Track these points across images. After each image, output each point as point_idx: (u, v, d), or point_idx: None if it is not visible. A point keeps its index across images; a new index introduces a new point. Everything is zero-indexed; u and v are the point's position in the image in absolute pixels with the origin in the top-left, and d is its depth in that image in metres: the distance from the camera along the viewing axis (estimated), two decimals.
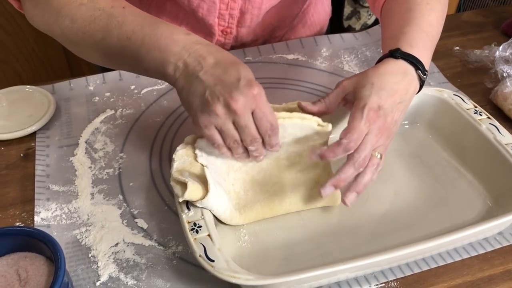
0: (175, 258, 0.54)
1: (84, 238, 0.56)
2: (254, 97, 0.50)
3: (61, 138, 0.69)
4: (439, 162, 0.64)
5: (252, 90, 0.50)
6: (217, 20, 0.79)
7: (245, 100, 0.49)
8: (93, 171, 0.64)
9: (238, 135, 0.52)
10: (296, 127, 0.54)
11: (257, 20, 0.81)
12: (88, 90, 0.77)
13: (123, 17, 0.56)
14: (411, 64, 0.57)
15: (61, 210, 0.59)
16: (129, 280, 0.52)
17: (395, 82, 0.55)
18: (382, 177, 0.62)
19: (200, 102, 0.51)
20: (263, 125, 0.51)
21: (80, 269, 0.53)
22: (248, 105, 0.50)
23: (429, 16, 0.62)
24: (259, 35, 0.86)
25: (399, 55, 0.57)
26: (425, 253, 0.54)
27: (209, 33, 0.81)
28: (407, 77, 0.56)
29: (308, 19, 0.92)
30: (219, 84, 0.50)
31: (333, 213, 0.59)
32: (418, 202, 0.60)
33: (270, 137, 0.53)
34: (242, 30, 0.83)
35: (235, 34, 0.83)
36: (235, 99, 0.49)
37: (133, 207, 0.60)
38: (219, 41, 0.84)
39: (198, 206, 0.52)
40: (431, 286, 0.52)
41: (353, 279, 0.52)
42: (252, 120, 0.51)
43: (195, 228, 0.50)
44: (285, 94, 0.77)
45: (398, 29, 0.61)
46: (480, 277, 0.53)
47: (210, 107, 0.50)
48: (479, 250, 0.55)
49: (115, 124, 0.71)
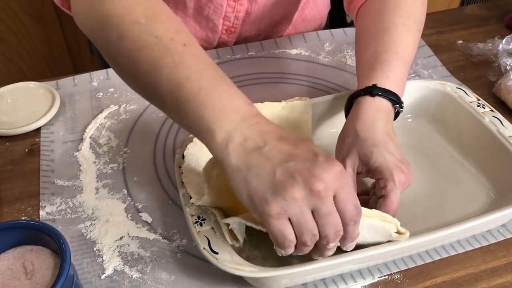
0: (179, 251, 0.55)
1: (89, 232, 0.57)
2: (338, 175, 0.41)
3: (65, 134, 0.69)
4: (442, 155, 0.64)
5: (335, 167, 0.41)
6: (222, 21, 0.80)
7: (329, 179, 0.40)
8: (98, 166, 0.64)
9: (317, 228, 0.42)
10: (372, 229, 0.47)
11: (261, 17, 0.81)
12: (92, 86, 0.77)
13: (181, 56, 0.46)
14: (389, 100, 0.55)
15: (66, 205, 0.60)
16: (134, 273, 0.53)
17: (382, 128, 0.53)
18: None
19: (269, 185, 0.40)
20: (348, 209, 0.42)
21: (85, 262, 0.54)
22: (332, 185, 0.40)
23: (406, 39, 0.59)
24: (261, 31, 0.86)
25: (376, 93, 0.54)
26: (428, 245, 0.54)
27: (212, 31, 0.82)
28: (388, 115, 0.55)
29: (308, 14, 0.92)
30: (294, 161, 0.41)
31: None
32: (422, 195, 0.60)
33: (355, 224, 0.43)
34: (246, 28, 0.83)
35: (239, 32, 0.83)
36: (318, 177, 0.39)
37: (138, 201, 0.60)
38: (222, 38, 0.84)
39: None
40: (434, 278, 0.52)
41: (357, 271, 0.52)
42: (335, 207, 0.41)
43: (199, 221, 0.50)
44: (288, 89, 0.77)
45: (375, 56, 0.58)
46: (484, 269, 0.53)
47: (285, 190, 0.39)
48: (483, 243, 0.55)
49: (119, 120, 0.71)
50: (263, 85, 0.78)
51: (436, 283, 0.52)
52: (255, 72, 0.80)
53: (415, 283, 0.52)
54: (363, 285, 0.52)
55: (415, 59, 0.83)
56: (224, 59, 0.82)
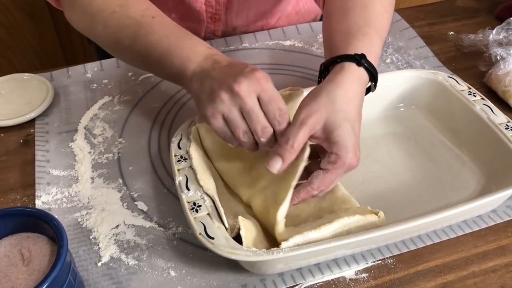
0: (175, 238, 0.55)
1: (85, 221, 0.57)
2: (258, 79, 0.49)
3: (60, 125, 0.70)
4: (434, 143, 0.65)
5: (256, 73, 0.49)
6: (204, 6, 0.80)
7: (248, 82, 0.49)
8: (93, 156, 0.65)
9: (247, 125, 0.50)
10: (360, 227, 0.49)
11: (245, 4, 0.82)
12: (86, 77, 0.77)
13: (151, 26, 0.58)
14: (370, 75, 0.54)
15: (61, 194, 0.60)
16: (130, 261, 0.53)
17: (358, 103, 0.53)
18: (378, 158, 0.64)
19: (207, 94, 0.51)
20: (270, 109, 0.50)
21: (82, 250, 0.54)
22: (253, 87, 0.49)
23: (383, 19, 0.60)
24: (250, 20, 0.86)
25: (363, 63, 0.53)
26: (420, 230, 0.55)
27: (198, 21, 0.82)
28: (364, 91, 0.54)
29: (302, 7, 0.92)
30: (226, 75, 0.51)
31: None
32: (414, 182, 0.61)
33: (280, 124, 0.50)
34: (231, 16, 0.83)
35: (224, 20, 0.83)
36: (238, 82, 0.49)
37: (133, 190, 0.60)
38: (209, 28, 0.84)
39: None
40: (426, 262, 0.53)
41: (350, 256, 0.53)
42: (258, 105, 0.50)
43: (195, 207, 0.51)
44: (282, 80, 0.78)
45: (356, 27, 0.57)
46: (475, 253, 0.54)
47: (215, 94, 0.50)
48: (473, 228, 0.56)
49: (113, 110, 0.71)
50: None
51: (428, 267, 0.53)
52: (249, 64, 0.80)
53: (408, 268, 0.53)
54: (356, 270, 0.52)
55: (407, 49, 0.84)
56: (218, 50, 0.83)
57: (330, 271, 0.52)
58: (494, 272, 0.52)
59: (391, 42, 0.85)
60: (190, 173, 0.54)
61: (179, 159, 0.56)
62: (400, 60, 0.81)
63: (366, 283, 0.51)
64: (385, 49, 0.84)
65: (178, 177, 0.54)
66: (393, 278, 0.52)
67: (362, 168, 0.55)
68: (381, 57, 0.82)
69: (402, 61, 0.81)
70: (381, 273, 0.52)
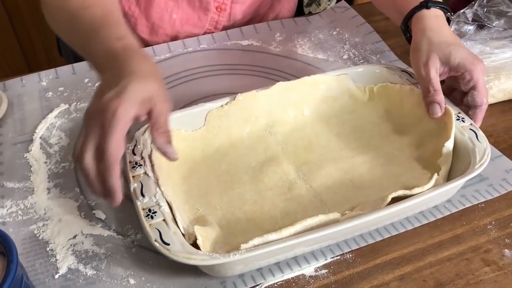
0: (134, 246, 0.55)
1: (41, 233, 0.56)
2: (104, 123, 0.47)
3: (14, 135, 0.68)
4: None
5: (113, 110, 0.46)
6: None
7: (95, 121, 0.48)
8: (49, 166, 0.64)
9: None
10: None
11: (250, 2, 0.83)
12: (41, 86, 0.76)
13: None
14: (441, 9, 0.66)
15: (16, 207, 0.59)
16: (89, 271, 0.52)
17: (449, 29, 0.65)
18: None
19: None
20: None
21: (38, 263, 0.53)
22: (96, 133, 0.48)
23: None
24: (253, 14, 0.87)
25: (431, 5, 0.65)
26: (378, 224, 0.55)
27: (204, 10, 0.82)
28: (445, 21, 0.66)
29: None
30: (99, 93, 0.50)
31: None
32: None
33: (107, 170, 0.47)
34: (236, 7, 0.83)
35: (229, 11, 0.83)
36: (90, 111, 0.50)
37: (90, 199, 0.60)
38: (213, 19, 0.84)
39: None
40: (385, 255, 0.54)
41: (310, 253, 0.54)
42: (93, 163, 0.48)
43: (150, 214, 0.50)
44: (240, 80, 0.78)
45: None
46: (431, 243, 0.55)
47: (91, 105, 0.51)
48: (430, 218, 0.57)
49: (69, 118, 0.70)
50: (216, 77, 0.78)
51: (386, 260, 0.54)
52: (208, 65, 0.80)
53: (366, 262, 0.54)
54: (316, 266, 0.53)
55: (363, 45, 0.84)
56: (176, 52, 0.82)
57: (290, 270, 0.52)
58: (449, 261, 0.54)
59: (348, 38, 0.86)
60: (146, 179, 0.54)
61: (134, 166, 0.55)
62: (357, 55, 0.82)
63: (325, 279, 0.52)
64: (342, 45, 0.85)
65: (133, 184, 0.53)
66: (352, 272, 0.53)
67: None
68: (338, 53, 0.83)
69: (359, 57, 0.82)
70: (340, 269, 0.53)
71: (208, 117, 0.63)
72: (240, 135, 0.64)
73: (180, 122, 0.61)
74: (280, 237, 0.48)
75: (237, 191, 0.59)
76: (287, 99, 0.67)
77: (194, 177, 0.60)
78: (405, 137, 0.64)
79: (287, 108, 0.67)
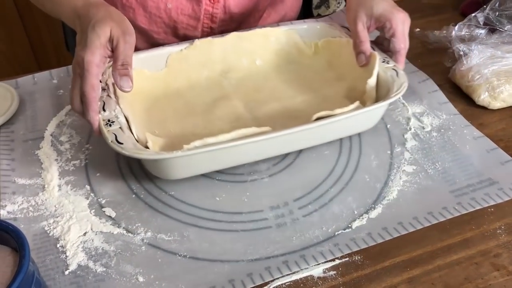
0: (143, 244, 0.55)
1: (52, 229, 0.56)
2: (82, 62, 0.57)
3: (26, 132, 0.69)
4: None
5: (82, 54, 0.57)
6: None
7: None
8: (60, 163, 0.64)
9: None
10: None
11: None
12: (52, 84, 0.76)
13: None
14: None
15: (28, 203, 0.59)
16: (98, 268, 0.53)
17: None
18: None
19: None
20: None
21: (49, 259, 0.53)
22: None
23: None
24: (250, 9, 0.86)
25: None
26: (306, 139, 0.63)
27: (197, 1, 0.82)
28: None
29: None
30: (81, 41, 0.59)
31: None
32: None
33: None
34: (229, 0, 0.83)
35: (223, 3, 0.83)
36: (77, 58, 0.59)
37: (101, 197, 0.60)
38: (207, 10, 0.84)
39: None
40: (393, 258, 0.54)
41: (318, 252, 0.54)
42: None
43: (109, 123, 0.58)
44: None
45: None
46: (440, 246, 0.55)
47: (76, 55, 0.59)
48: (439, 218, 0.57)
49: (80, 116, 0.71)
50: None
51: (395, 263, 0.54)
52: None
53: (375, 264, 0.54)
54: (324, 268, 0.53)
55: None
56: None
57: (298, 267, 0.53)
58: (458, 265, 0.54)
59: None
60: (108, 99, 0.61)
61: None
62: None
63: (334, 281, 0.52)
64: None
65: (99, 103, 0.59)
66: (361, 274, 0.53)
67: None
68: None
69: None
70: (348, 270, 0.53)
71: (168, 60, 0.71)
72: (198, 79, 0.73)
73: (143, 63, 0.69)
74: (218, 141, 0.55)
75: (191, 119, 0.66)
76: (241, 48, 0.75)
77: (154, 109, 0.67)
78: (342, 82, 0.73)
79: (241, 56, 0.75)
